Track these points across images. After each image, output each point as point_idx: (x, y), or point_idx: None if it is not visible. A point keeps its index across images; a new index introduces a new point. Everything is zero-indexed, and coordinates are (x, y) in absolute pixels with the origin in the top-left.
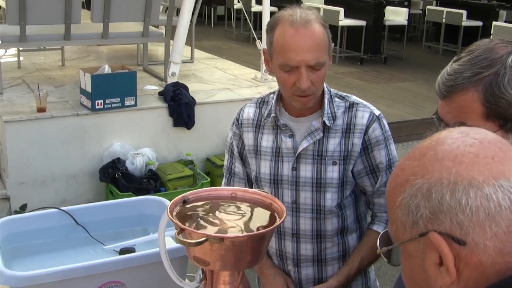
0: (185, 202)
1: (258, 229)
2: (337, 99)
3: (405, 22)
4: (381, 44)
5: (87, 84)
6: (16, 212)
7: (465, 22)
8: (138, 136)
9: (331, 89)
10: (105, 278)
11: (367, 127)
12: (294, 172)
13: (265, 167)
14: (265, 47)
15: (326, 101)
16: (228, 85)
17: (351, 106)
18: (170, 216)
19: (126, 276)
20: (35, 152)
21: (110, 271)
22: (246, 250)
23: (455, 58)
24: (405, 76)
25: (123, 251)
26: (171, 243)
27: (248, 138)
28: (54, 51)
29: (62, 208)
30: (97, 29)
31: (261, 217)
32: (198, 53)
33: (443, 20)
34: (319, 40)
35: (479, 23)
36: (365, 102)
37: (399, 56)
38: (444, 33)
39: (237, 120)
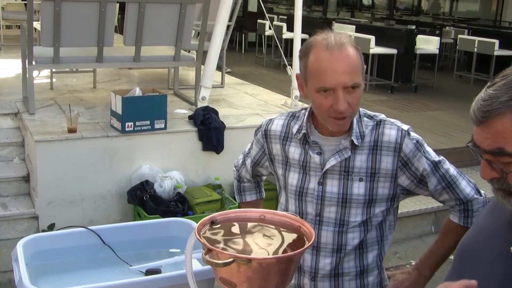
0: (213, 223)
1: (286, 251)
2: (365, 119)
3: (437, 51)
4: (412, 73)
5: (118, 106)
6: (44, 231)
7: (497, 52)
8: (167, 159)
9: (360, 108)
10: None
11: (400, 144)
12: (321, 187)
13: (293, 179)
14: (298, 72)
15: (355, 120)
16: (258, 110)
17: (378, 123)
18: (198, 236)
19: None
20: (65, 172)
21: None
22: (273, 273)
23: (488, 84)
24: (436, 105)
25: (149, 272)
26: (197, 266)
27: (276, 149)
28: (86, 74)
29: (90, 227)
30: (129, 52)
31: (289, 240)
32: (228, 78)
33: (475, 50)
34: (354, 62)
35: None
36: (392, 120)
37: (430, 85)
38: (476, 63)
39: (265, 130)
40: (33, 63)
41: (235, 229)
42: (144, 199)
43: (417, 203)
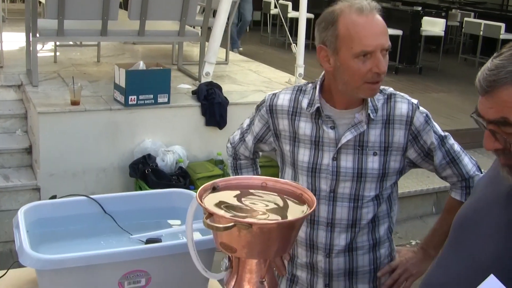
0: (214, 189)
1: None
2: None
3: (442, 33)
4: (417, 55)
5: (121, 79)
6: None
7: (503, 35)
8: (170, 133)
9: None
10: (130, 266)
11: (411, 117)
12: (335, 162)
13: (304, 155)
14: (320, 44)
15: None
16: (262, 87)
17: (389, 97)
18: (199, 201)
19: (151, 266)
20: (67, 144)
21: (135, 259)
22: (274, 238)
23: (495, 54)
24: (440, 87)
25: (149, 241)
26: (198, 237)
27: (283, 124)
28: (90, 48)
29: (91, 196)
30: (134, 26)
31: (290, 206)
32: (233, 56)
33: (481, 33)
34: (385, 25)
35: None
36: (401, 93)
37: (434, 67)
38: (482, 46)
39: (270, 105)
40: (37, 35)
41: (237, 195)
42: (146, 173)
43: (418, 184)
